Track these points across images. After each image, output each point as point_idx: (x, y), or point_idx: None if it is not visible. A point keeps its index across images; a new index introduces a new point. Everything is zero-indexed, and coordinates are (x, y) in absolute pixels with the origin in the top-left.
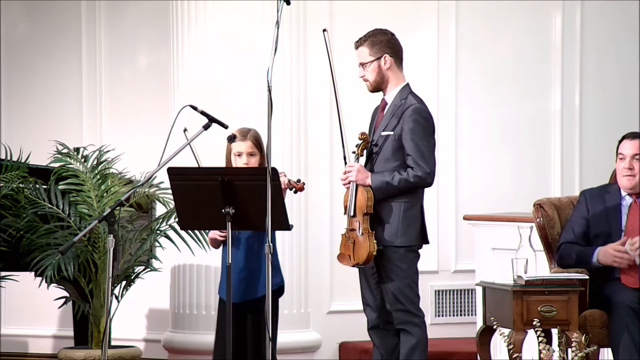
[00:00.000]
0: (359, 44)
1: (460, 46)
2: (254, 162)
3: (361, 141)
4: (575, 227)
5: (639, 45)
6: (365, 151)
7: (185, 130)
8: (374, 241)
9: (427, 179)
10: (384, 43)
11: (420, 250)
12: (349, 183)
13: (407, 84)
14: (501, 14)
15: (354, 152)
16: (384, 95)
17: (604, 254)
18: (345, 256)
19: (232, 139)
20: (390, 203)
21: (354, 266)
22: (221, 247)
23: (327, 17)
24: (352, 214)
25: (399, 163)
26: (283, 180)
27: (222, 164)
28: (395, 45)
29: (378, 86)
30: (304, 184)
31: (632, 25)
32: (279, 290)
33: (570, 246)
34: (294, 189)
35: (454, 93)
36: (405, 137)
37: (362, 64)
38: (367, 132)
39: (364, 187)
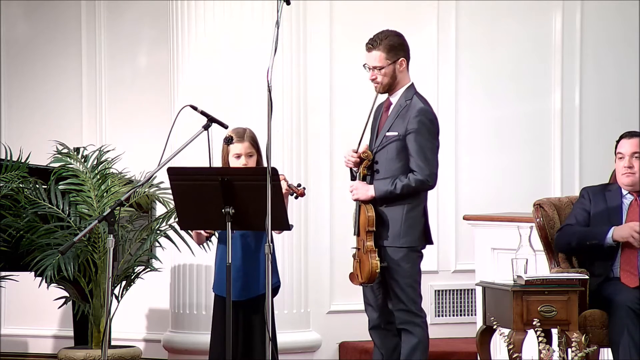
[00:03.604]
0: (372, 47)
1: (460, 46)
2: (252, 162)
3: (364, 160)
4: (578, 216)
5: (639, 45)
6: (367, 169)
7: None
8: (377, 259)
9: (429, 182)
10: (400, 46)
11: (423, 251)
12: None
13: (412, 84)
14: (501, 14)
15: (356, 172)
16: (390, 95)
17: (621, 229)
18: (355, 275)
19: (229, 140)
20: (393, 205)
21: (361, 284)
22: (217, 245)
23: (327, 17)
24: (356, 232)
25: (403, 164)
26: (283, 184)
27: (220, 164)
28: (408, 48)
29: (390, 88)
30: (304, 189)
31: (632, 25)
32: (274, 290)
33: (572, 227)
34: (294, 195)
35: (454, 93)
36: (409, 138)
37: (375, 68)
38: (368, 150)
39: (366, 205)
